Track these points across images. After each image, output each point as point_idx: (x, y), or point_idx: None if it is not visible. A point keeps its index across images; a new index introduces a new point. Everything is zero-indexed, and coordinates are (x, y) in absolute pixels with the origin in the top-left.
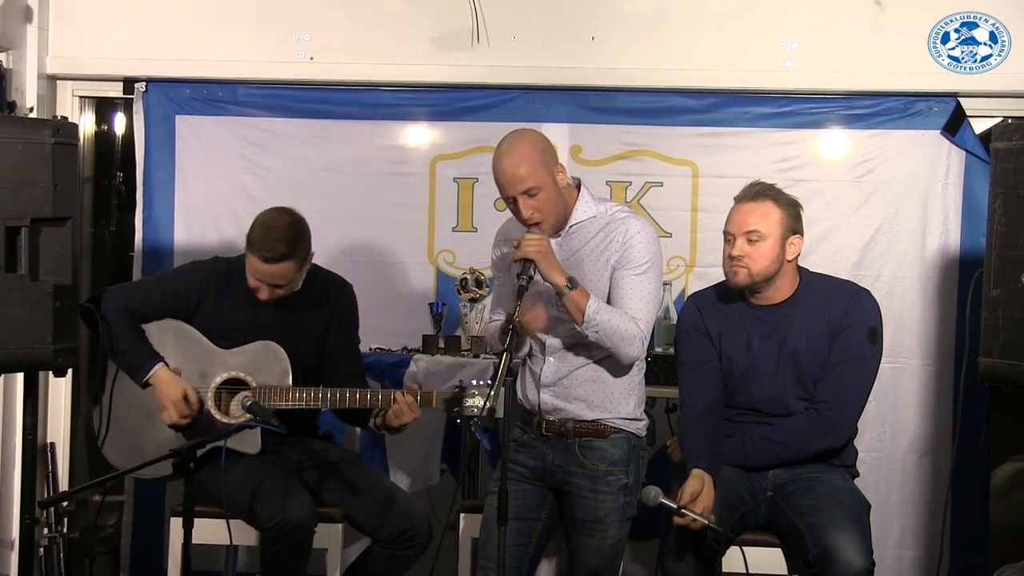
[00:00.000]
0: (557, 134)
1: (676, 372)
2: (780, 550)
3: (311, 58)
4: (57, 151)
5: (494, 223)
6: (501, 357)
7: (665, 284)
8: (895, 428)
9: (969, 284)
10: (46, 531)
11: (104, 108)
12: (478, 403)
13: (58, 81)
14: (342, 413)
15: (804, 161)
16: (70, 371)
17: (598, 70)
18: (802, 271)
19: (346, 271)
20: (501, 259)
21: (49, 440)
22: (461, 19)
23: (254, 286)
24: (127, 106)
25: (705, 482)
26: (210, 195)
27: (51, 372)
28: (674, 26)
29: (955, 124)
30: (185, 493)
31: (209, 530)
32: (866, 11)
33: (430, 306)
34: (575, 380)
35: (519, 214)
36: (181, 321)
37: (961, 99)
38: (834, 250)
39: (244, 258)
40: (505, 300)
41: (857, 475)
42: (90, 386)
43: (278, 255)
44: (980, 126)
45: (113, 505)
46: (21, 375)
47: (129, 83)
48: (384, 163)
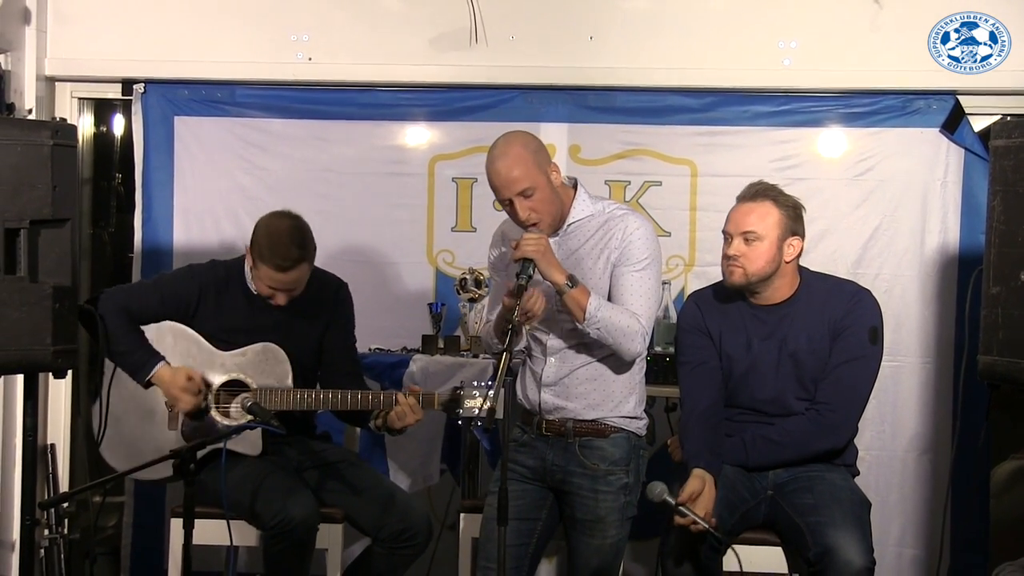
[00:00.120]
0: (556, 134)
1: (676, 371)
2: (780, 549)
3: (309, 59)
4: (56, 153)
5: (493, 223)
6: (500, 357)
7: (664, 283)
8: (895, 426)
9: (968, 282)
10: (47, 532)
11: (103, 109)
12: (478, 403)
13: (57, 83)
14: (342, 413)
15: (803, 160)
16: (70, 372)
17: (597, 69)
18: (803, 271)
19: (345, 271)
20: (499, 259)
21: (49, 441)
22: (459, 19)
23: (268, 294)
24: (126, 107)
25: (706, 482)
26: (209, 196)
27: (51, 374)
28: (672, 25)
29: (954, 122)
30: (185, 494)
31: (209, 531)
32: (865, 10)
33: (429, 306)
34: (576, 379)
35: (516, 216)
36: (180, 323)
37: (960, 97)
38: (833, 248)
39: (242, 260)
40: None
41: (857, 474)
42: (91, 387)
43: (293, 260)
44: (979, 124)
45: (113, 506)
46: (21, 377)
47: (128, 84)
48: (383, 163)
